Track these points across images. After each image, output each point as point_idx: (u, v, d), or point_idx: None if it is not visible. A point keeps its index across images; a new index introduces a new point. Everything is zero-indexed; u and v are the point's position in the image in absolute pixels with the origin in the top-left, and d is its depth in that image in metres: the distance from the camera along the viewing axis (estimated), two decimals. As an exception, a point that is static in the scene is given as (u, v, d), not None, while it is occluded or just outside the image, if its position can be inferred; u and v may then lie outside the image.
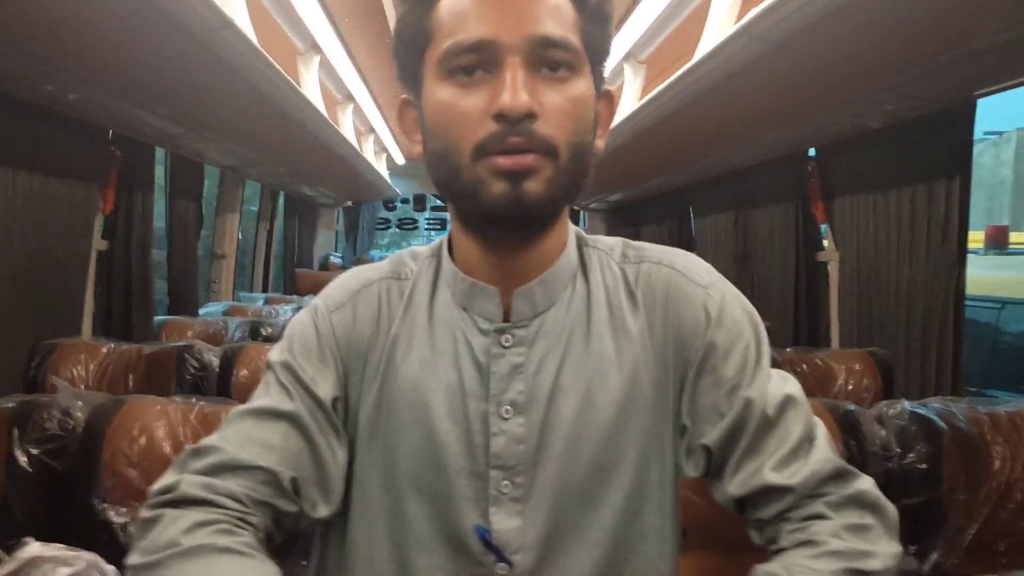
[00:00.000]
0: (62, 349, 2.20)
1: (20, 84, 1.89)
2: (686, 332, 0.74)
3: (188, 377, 2.16)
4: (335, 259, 7.30)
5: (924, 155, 2.08)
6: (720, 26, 1.99)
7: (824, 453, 0.71)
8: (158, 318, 3.10)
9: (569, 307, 0.74)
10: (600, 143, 0.74)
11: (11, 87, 1.90)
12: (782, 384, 0.74)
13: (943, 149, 2.03)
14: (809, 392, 2.37)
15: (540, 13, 0.65)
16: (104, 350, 2.23)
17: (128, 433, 1.38)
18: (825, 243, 2.85)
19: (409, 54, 0.71)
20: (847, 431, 1.44)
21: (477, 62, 0.65)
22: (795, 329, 2.95)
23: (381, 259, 0.84)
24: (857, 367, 2.18)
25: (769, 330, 2.58)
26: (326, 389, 0.73)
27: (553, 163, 0.65)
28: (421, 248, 0.82)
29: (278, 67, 2.12)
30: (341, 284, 0.80)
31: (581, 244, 0.79)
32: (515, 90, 0.62)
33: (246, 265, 5.40)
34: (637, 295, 0.76)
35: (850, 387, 2.19)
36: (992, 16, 1.36)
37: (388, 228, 8.81)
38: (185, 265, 3.60)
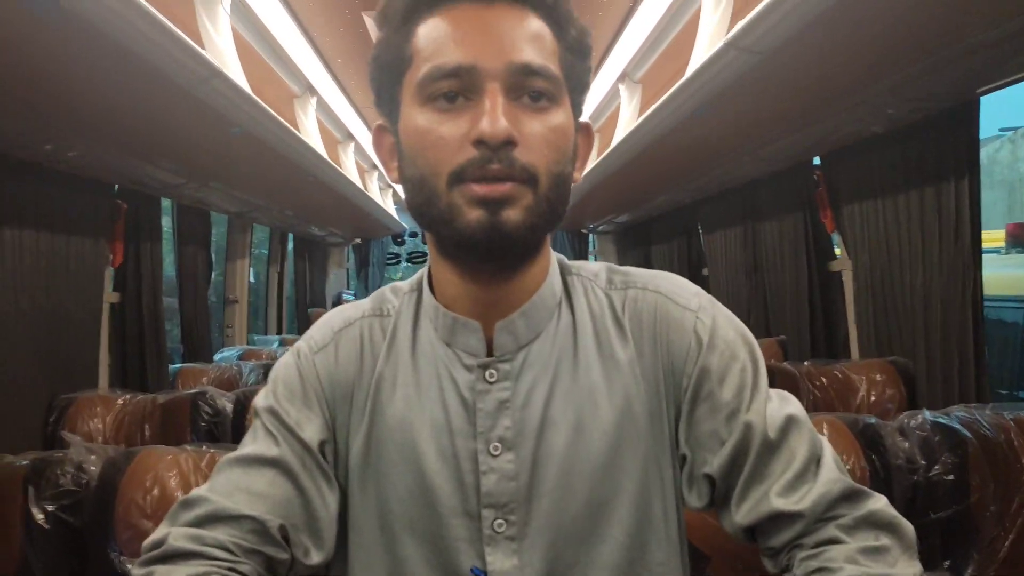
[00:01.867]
0: (78, 403, 2.22)
1: (15, 144, 1.91)
2: (677, 358, 0.72)
3: (203, 424, 2.16)
4: (347, 297, 7.33)
5: (930, 156, 2.05)
6: (710, 41, 1.98)
7: (832, 473, 0.68)
8: (174, 366, 3.11)
9: (555, 337, 0.72)
10: (578, 175, 0.72)
11: (6, 147, 1.93)
12: (782, 405, 0.71)
13: (949, 149, 1.99)
14: (830, 406, 2.30)
15: (521, 40, 0.64)
16: (120, 402, 2.24)
17: (141, 484, 1.39)
18: (837, 252, 2.82)
19: (387, 79, 0.69)
20: (869, 446, 1.40)
21: (457, 88, 0.63)
22: (812, 341, 2.90)
23: None
24: (878, 377, 2.13)
25: (784, 344, 2.50)
26: (312, 432, 0.72)
27: (533, 191, 0.63)
28: (402, 283, 0.81)
29: (273, 112, 2.13)
30: (323, 324, 0.79)
31: (564, 272, 0.77)
32: (495, 116, 0.61)
33: (260, 307, 5.43)
34: (624, 322, 0.74)
35: (873, 398, 2.14)
36: (990, 7, 1.33)
37: (399, 263, 8.84)
38: (197, 312, 3.64)
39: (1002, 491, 1.30)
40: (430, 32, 0.65)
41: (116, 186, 2.69)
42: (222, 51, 1.96)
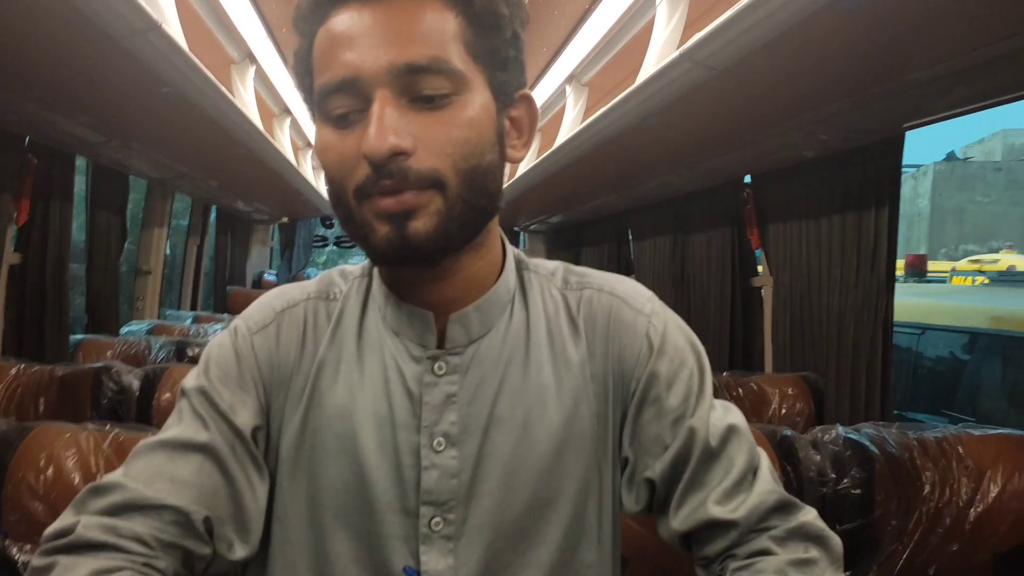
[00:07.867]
0: (-34, 371, 2.05)
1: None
2: (628, 361, 0.72)
3: (105, 401, 2.03)
4: (269, 277, 7.11)
5: (854, 185, 2.14)
6: (660, 52, 2.01)
7: (767, 485, 0.70)
8: (75, 337, 2.92)
9: (507, 334, 0.71)
10: (517, 153, 0.69)
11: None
12: (725, 414, 0.73)
13: (872, 179, 2.08)
14: (745, 416, 2.38)
15: (408, 36, 0.59)
16: (12, 371, 2.06)
17: (34, 463, 1.30)
18: (760, 269, 2.92)
19: (304, 91, 0.67)
20: (784, 457, 1.45)
21: (348, 103, 0.60)
22: (731, 353, 2.99)
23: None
24: (790, 391, 2.21)
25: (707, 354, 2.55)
26: (245, 417, 0.68)
27: (441, 195, 0.60)
28: (352, 267, 0.78)
29: (209, 75, 2.03)
30: (264, 303, 0.75)
31: (521, 268, 0.76)
32: (379, 130, 0.58)
33: (174, 282, 5.20)
34: (579, 322, 0.73)
35: (783, 411, 2.22)
36: (923, 51, 1.41)
37: (326, 246, 8.62)
38: (105, 281, 3.43)
39: (903, 507, 1.37)
40: (321, 43, 0.62)
41: (27, 139, 2.50)
42: (161, 5, 1.85)
